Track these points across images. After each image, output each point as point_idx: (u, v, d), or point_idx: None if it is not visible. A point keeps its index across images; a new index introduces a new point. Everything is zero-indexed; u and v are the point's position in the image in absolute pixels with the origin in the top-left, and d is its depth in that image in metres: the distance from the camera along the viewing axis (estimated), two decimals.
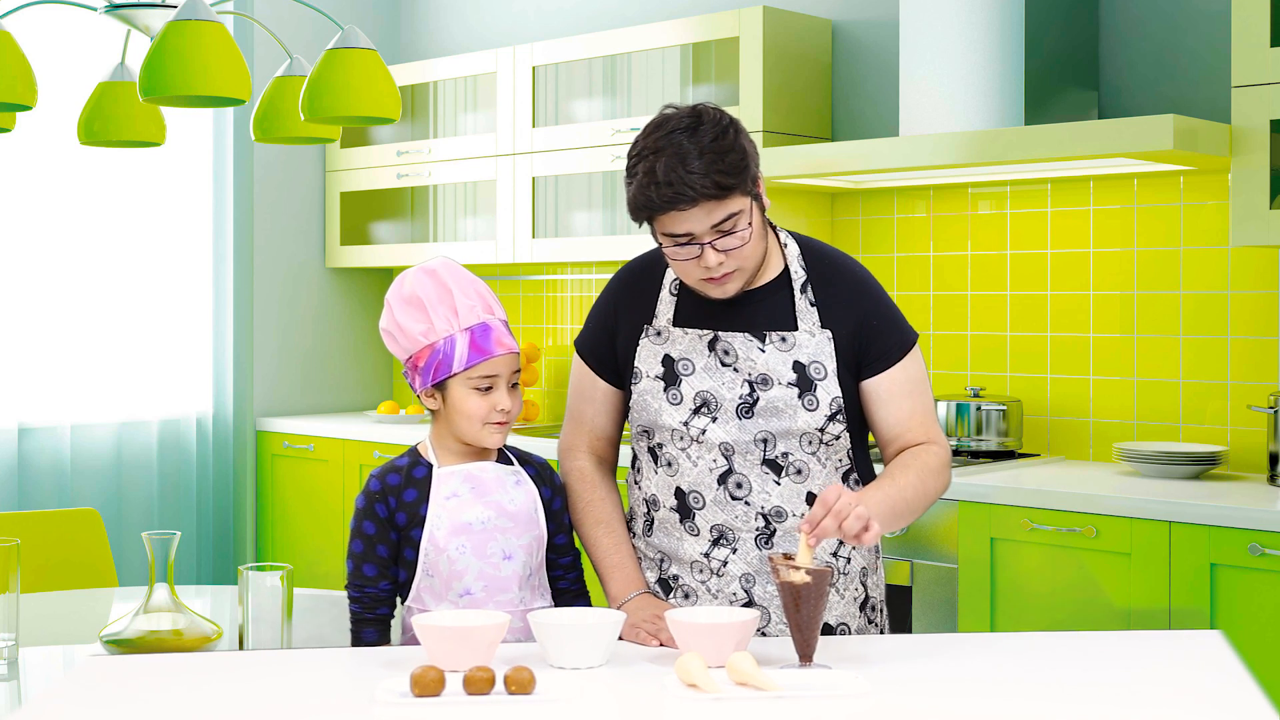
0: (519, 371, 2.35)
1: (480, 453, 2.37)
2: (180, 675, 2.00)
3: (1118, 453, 3.66)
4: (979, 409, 3.90)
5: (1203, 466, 3.55)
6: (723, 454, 2.32)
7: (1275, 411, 3.44)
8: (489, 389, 2.30)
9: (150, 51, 2.42)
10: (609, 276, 4.98)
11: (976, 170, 3.77)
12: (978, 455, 3.89)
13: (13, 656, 2.24)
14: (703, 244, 2.20)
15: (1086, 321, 3.95)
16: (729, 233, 2.20)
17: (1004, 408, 3.91)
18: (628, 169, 2.23)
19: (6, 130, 2.85)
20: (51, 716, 1.81)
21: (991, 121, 3.74)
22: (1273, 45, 3.31)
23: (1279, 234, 3.32)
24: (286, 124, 2.84)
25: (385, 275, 5.65)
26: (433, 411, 2.36)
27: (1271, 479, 3.46)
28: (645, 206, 2.20)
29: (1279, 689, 3.05)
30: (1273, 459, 3.45)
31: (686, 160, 2.15)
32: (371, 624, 2.32)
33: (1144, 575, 3.23)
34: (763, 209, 2.28)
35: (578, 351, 2.50)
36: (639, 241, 4.42)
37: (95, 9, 2.70)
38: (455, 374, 2.29)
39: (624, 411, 2.47)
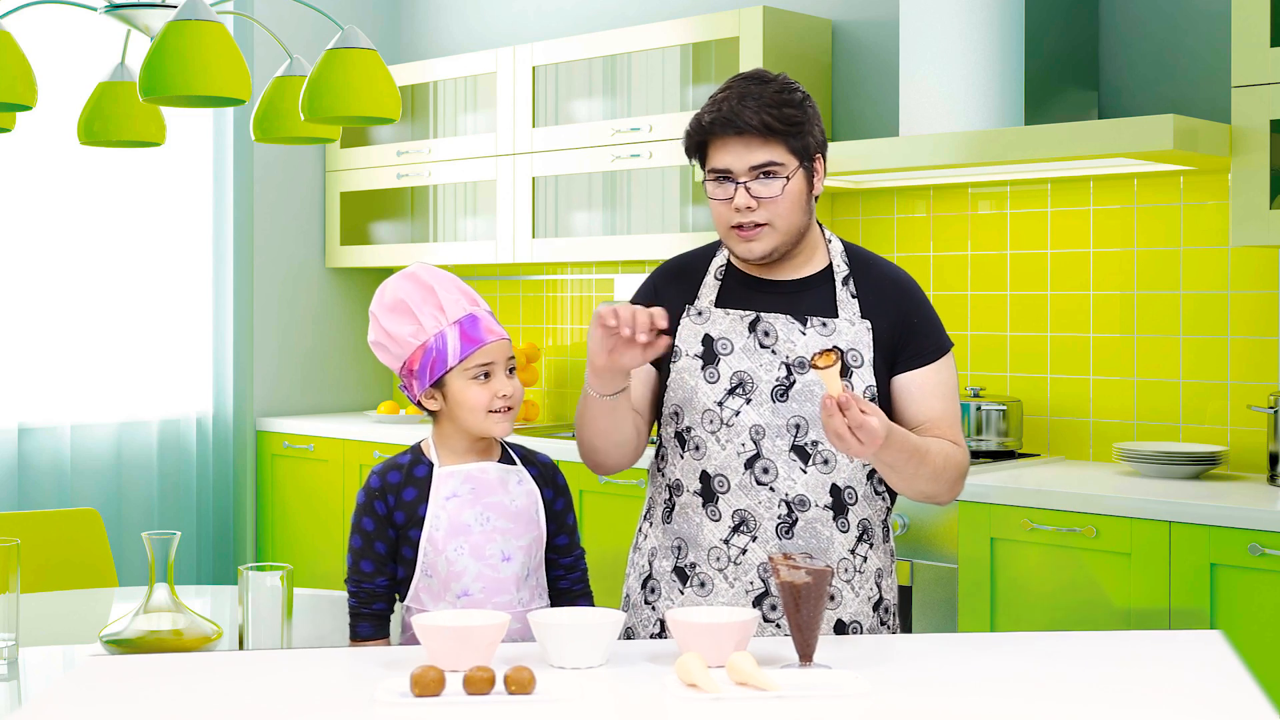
0: (514, 358, 2.37)
1: (483, 452, 2.37)
2: (180, 675, 2.00)
3: (1118, 453, 3.66)
4: (979, 409, 3.90)
5: (1203, 466, 3.55)
6: (752, 438, 2.33)
7: (1275, 411, 3.44)
8: (487, 377, 2.31)
9: (150, 51, 2.42)
10: (609, 276, 5.00)
11: (976, 170, 3.77)
12: (978, 455, 3.89)
13: (13, 656, 2.24)
14: (738, 182, 2.28)
15: (1086, 321, 3.95)
16: (766, 177, 2.28)
17: (1004, 408, 3.91)
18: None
19: (6, 130, 2.85)
20: (51, 716, 1.81)
21: (991, 121, 3.74)
22: (1273, 45, 3.31)
23: (1279, 234, 3.32)
24: (286, 124, 2.84)
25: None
26: (434, 413, 2.36)
27: (1271, 479, 3.46)
28: (694, 132, 2.32)
29: (1279, 689, 3.05)
30: (1273, 459, 3.45)
31: (745, 99, 2.28)
32: (367, 619, 2.34)
33: (1144, 575, 3.23)
34: (810, 187, 2.34)
35: None
36: (639, 241, 4.43)
37: (95, 9, 2.70)
38: (452, 368, 2.30)
39: (658, 391, 2.45)
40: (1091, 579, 3.31)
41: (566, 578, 2.41)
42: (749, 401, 2.34)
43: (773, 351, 2.35)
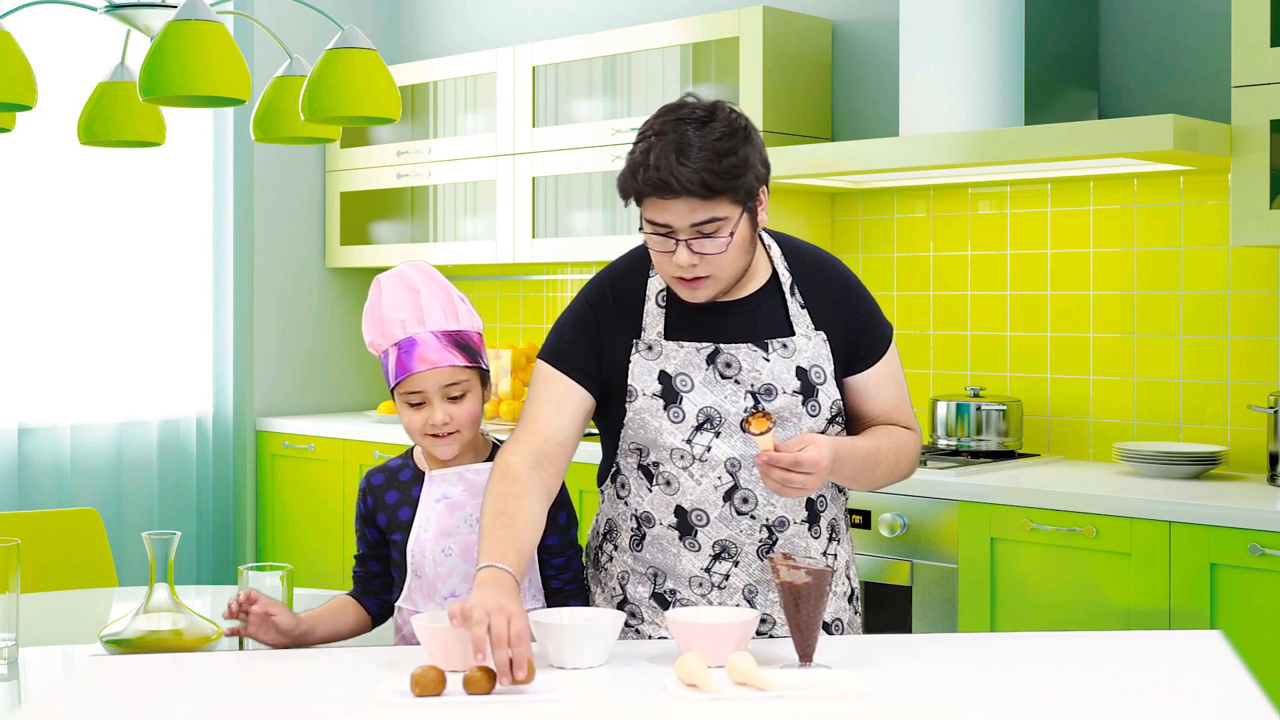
0: (462, 383, 2.28)
1: (470, 454, 2.36)
2: (180, 675, 2.00)
3: (1118, 453, 3.66)
4: (979, 409, 3.90)
5: (1203, 466, 3.55)
6: (728, 471, 2.27)
7: (1275, 411, 3.44)
8: (420, 404, 2.29)
9: (150, 51, 2.42)
10: None
11: (976, 170, 3.77)
12: (978, 455, 3.89)
13: (13, 656, 2.24)
14: (678, 239, 2.16)
15: (1086, 321, 3.95)
16: (708, 236, 2.15)
17: (1004, 408, 3.91)
18: (632, 146, 2.19)
19: (6, 130, 2.85)
20: (51, 716, 1.81)
21: (991, 121, 3.74)
22: (1273, 45, 3.31)
23: (1279, 234, 3.32)
24: (286, 124, 2.84)
25: None
26: None
27: (1271, 479, 3.46)
28: (629, 187, 2.16)
29: (1279, 689, 3.05)
30: (1273, 459, 3.45)
31: (683, 151, 2.11)
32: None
33: (1144, 575, 3.23)
34: (754, 225, 2.22)
35: (548, 362, 2.31)
36: (638, 242, 4.42)
37: (95, 9, 2.70)
38: (393, 387, 2.31)
39: (586, 421, 2.34)
40: (1091, 579, 3.31)
41: (559, 577, 2.39)
42: (718, 435, 2.26)
43: (736, 382, 2.27)
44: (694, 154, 2.11)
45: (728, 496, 2.28)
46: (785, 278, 2.33)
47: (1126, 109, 3.89)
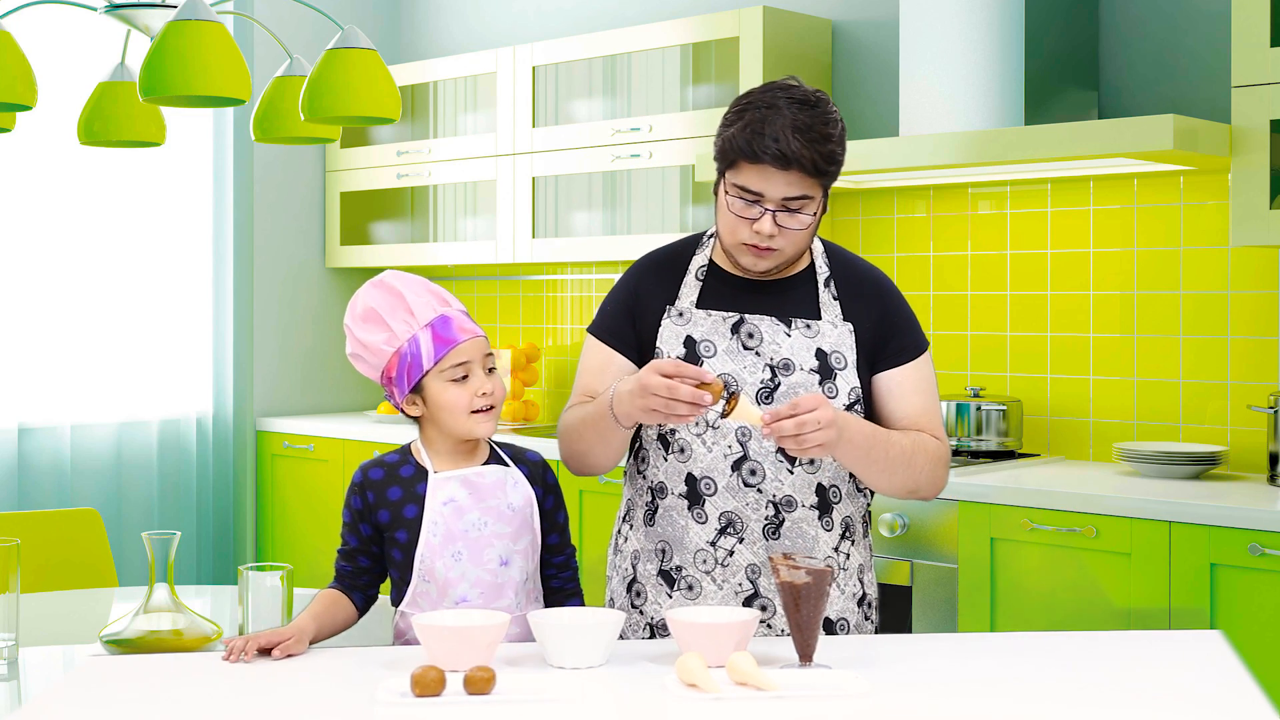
0: (492, 355, 2.35)
1: (470, 454, 2.36)
2: (180, 675, 2.00)
3: (1118, 453, 3.66)
4: (979, 409, 3.90)
5: (1203, 466, 3.55)
6: (739, 440, 2.33)
7: (1275, 411, 3.44)
8: (464, 377, 2.30)
9: (150, 51, 2.42)
10: (609, 276, 4.99)
11: (976, 170, 3.77)
12: (978, 455, 3.89)
13: (13, 656, 2.24)
14: (766, 209, 2.26)
15: (1086, 321, 3.95)
16: (794, 212, 2.27)
17: (1004, 408, 3.91)
18: (731, 112, 2.29)
19: (6, 130, 2.85)
20: (51, 716, 1.81)
21: (991, 121, 3.74)
22: (1273, 45, 3.31)
23: (1279, 234, 3.32)
24: (286, 124, 2.84)
25: None
26: (418, 419, 2.36)
27: (1271, 479, 3.46)
28: (743, 151, 2.25)
29: (1279, 689, 3.05)
30: (1273, 459, 3.45)
31: (801, 129, 2.23)
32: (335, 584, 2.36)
33: (1144, 575, 3.23)
34: (824, 211, 2.33)
35: (593, 335, 2.48)
36: (639, 241, 4.43)
37: (95, 9, 2.70)
38: (428, 371, 2.29)
39: None
40: (1091, 579, 3.31)
41: (558, 576, 2.40)
42: None
43: (756, 353, 2.35)
44: (809, 134, 2.23)
45: (736, 466, 2.33)
46: (822, 271, 2.42)
47: (1126, 109, 3.89)
